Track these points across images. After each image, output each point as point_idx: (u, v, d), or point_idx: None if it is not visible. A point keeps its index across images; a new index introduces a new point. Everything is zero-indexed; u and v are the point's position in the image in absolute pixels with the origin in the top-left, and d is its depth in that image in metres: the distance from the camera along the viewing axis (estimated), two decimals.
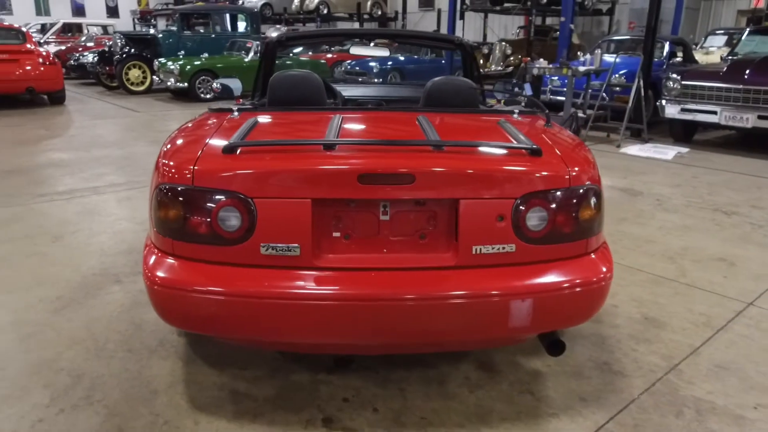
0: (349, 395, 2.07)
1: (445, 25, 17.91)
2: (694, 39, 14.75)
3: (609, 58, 7.98)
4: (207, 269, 1.69)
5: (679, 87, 6.80)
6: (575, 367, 2.26)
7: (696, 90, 6.70)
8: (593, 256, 1.84)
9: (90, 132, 7.50)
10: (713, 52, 11.64)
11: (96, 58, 12.39)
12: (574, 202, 1.77)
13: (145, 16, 26.44)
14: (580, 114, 7.40)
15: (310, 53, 15.43)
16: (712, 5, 16.31)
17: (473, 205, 1.69)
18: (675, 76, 6.86)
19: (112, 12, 31.60)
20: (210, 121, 2.25)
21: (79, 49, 15.36)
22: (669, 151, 6.64)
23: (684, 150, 6.77)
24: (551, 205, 1.73)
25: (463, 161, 1.72)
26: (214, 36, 12.78)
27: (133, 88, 11.70)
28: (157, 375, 2.17)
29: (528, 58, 8.74)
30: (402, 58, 14.22)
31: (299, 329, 1.66)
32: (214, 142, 1.85)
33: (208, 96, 10.51)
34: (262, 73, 3.23)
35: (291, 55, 14.29)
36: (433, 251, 1.74)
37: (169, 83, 10.58)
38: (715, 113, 6.55)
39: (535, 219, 1.72)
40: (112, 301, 2.78)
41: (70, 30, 19.61)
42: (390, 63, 13.70)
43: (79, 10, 30.64)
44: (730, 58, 7.65)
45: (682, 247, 3.61)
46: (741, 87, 6.32)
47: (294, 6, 21.58)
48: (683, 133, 7.24)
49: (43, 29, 19.36)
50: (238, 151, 1.75)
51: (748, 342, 2.47)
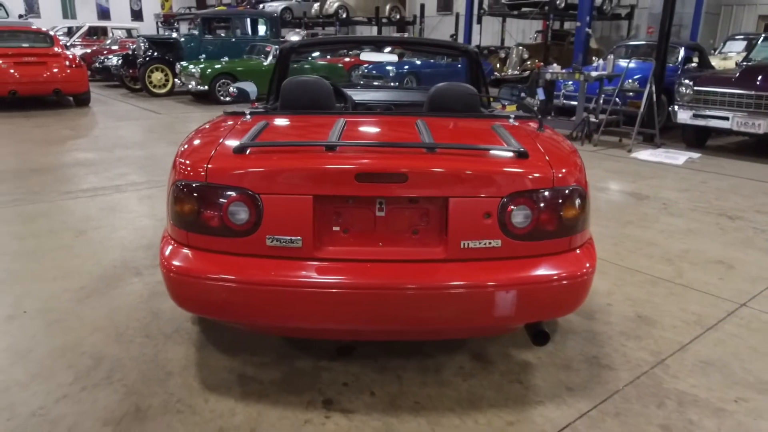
0: (348, 380, 2.21)
1: (463, 29, 18.06)
2: (713, 44, 14.66)
3: (625, 64, 8.03)
4: (218, 259, 1.85)
5: (691, 92, 6.84)
6: (565, 360, 2.37)
7: (708, 96, 6.73)
8: (577, 252, 1.96)
9: (113, 133, 7.77)
10: (732, 57, 11.59)
11: (120, 61, 12.77)
12: (558, 201, 1.89)
13: (168, 20, 26.99)
14: (592, 119, 7.47)
15: (328, 57, 15.68)
16: (732, 10, 16.18)
17: (462, 203, 1.82)
18: (687, 81, 6.89)
19: (137, 15, 32.29)
20: (224, 123, 2.41)
21: (104, 52, 15.81)
22: (680, 157, 6.68)
23: (695, 155, 6.80)
24: (535, 204, 1.86)
25: (453, 162, 1.85)
26: (234, 40, 13.07)
27: (155, 91, 12.02)
28: (172, 359, 2.34)
29: (541, 63, 8.81)
30: (418, 62, 14.36)
31: (300, 315, 1.81)
32: (227, 143, 2.01)
33: (227, 99, 10.77)
34: (276, 77, 3.39)
35: (309, 59, 14.55)
36: (424, 245, 1.87)
37: (190, 86, 10.86)
38: (727, 119, 6.57)
39: (520, 217, 1.85)
40: (132, 291, 2.97)
41: (95, 33, 20.11)
42: (407, 67, 13.86)
43: (104, 14, 31.37)
44: (745, 63, 7.66)
45: (683, 249, 3.68)
46: (753, 93, 6.34)
47: (313, 10, 21.87)
48: (696, 138, 7.26)
49: (70, 32, 19.91)
50: (248, 152, 1.91)
51: (737, 340, 2.56)
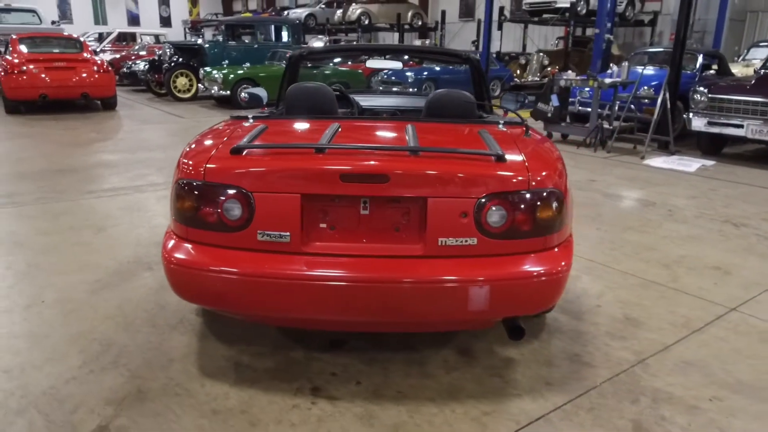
0: (337, 370, 2.33)
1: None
2: (738, 51, 14.45)
3: (650, 71, 8.01)
4: (213, 252, 2.00)
5: (705, 100, 6.82)
6: (547, 357, 2.46)
7: (723, 103, 6.70)
8: (552, 251, 2.06)
9: (137, 136, 8.05)
10: (755, 64, 11.43)
11: (147, 67, 13.16)
12: (534, 203, 1.99)
13: (195, 26, 27.63)
14: (606, 125, 7.49)
15: (350, 63, 15.91)
16: (758, 17, 15.93)
17: (440, 203, 1.94)
18: (702, 89, 6.88)
19: (165, 21, 33.08)
20: (228, 127, 2.57)
21: (132, 57, 16.30)
22: (693, 164, 6.66)
23: (709, 163, 6.77)
24: (511, 205, 1.97)
25: (432, 165, 1.97)
26: (257, 46, 13.36)
27: (180, 95, 12.37)
28: (175, 347, 2.49)
29: (556, 70, 8.84)
30: (438, 68, 14.47)
31: (286, 305, 1.95)
32: (226, 145, 2.16)
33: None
34: (285, 83, 3.55)
35: (331, 65, 14.80)
36: (405, 242, 1.99)
37: (212, 91, 11.16)
38: (741, 127, 6.54)
39: (495, 217, 1.96)
40: (143, 285, 3.14)
41: (124, 39, 20.73)
42: (426, 73, 13.98)
43: (134, 20, 32.22)
44: (763, 71, 7.60)
45: (681, 255, 3.73)
46: None
47: (336, 17, 22.17)
48: (711, 146, 7.23)
49: (101, 38, 20.54)
50: (244, 153, 2.05)
51: (721, 343, 2.61)
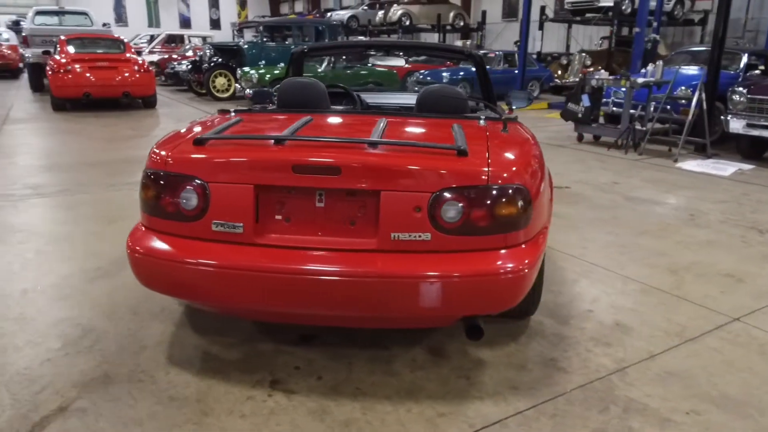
0: (301, 364, 2.32)
1: (529, 35, 17.78)
2: None
3: (690, 71, 7.67)
4: (172, 241, 2.02)
5: (744, 101, 6.46)
6: (521, 360, 2.37)
7: (763, 104, 6.33)
8: (515, 249, 1.98)
9: None
10: None
11: (189, 67, 13.56)
12: (492, 199, 1.92)
13: (242, 28, 28.29)
14: (638, 127, 7.20)
15: (388, 63, 16.01)
16: None
17: (393, 197, 1.89)
18: (740, 89, 6.52)
19: (215, 24, 34.05)
20: (210, 119, 2.60)
21: (178, 58, 16.83)
22: (729, 168, 6.32)
23: (747, 167, 6.41)
24: (466, 201, 1.90)
25: (386, 158, 1.93)
26: (294, 47, 13.53)
27: (218, 95, 12.69)
28: (151, 335, 2.54)
29: (588, 69, 8.58)
30: (474, 68, 14.28)
31: (237, 296, 1.94)
32: (194, 137, 2.18)
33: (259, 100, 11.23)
34: (287, 78, 3.58)
35: (369, 65, 14.87)
36: (359, 236, 1.96)
37: (247, 91, 11.38)
38: None
39: (450, 212, 1.90)
40: None
41: (173, 41, 21.43)
42: (462, 74, 13.83)
43: (185, 22, 33.30)
44: None
45: (693, 261, 3.53)
46: None
47: (378, 18, 22.25)
48: (751, 149, 6.84)
49: (152, 40, 21.33)
50: (207, 144, 2.07)
51: (714, 354, 2.45)
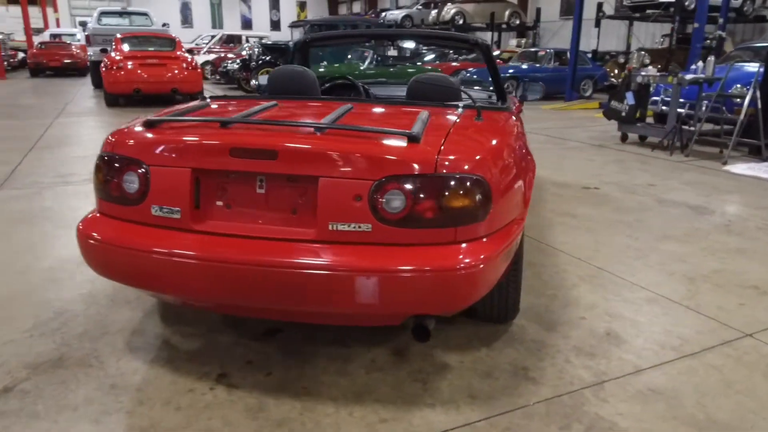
0: (256, 359, 2.23)
1: (586, 33, 17.17)
2: None
3: (748, 67, 7.10)
4: (114, 224, 1.97)
5: None
6: (489, 367, 2.19)
7: None
8: (468, 245, 1.81)
9: None
10: None
11: (238, 65, 13.89)
12: (440, 189, 1.76)
13: (294, 27, 28.77)
14: (687, 127, 6.71)
15: (437, 62, 15.92)
16: None
17: (331, 184, 1.77)
18: None
19: (275, 25, 34.80)
20: (182, 105, 2.56)
21: (232, 57, 17.28)
22: None
23: None
24: (411, 190, 1.75)
25: (324, 142, 1.81)
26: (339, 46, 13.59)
27: None
28: (117, 321, 2.52)
29: (633, 66, 8.10)
30: (525, 66, 13.89)
31: (171, 284, 1.87)
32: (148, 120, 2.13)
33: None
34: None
35: (418, 64, 14.78)
36: (299, 225, 1.84)
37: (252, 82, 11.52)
38: None
39: (393, 201, 1.75)
40: None
41: (231, 41, 22.05)
42: (511, 71, 13.45)
43: (247, 23, 34.25)
44: None
45: (715, 270, 3.20)
46: None
47: (431, 17, 22.06)
48: None
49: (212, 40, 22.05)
50: (157, 126, 2.02)
51: (711, 372, 2.18)
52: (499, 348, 2.33)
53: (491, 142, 2.04)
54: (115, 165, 1.97)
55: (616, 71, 14.59)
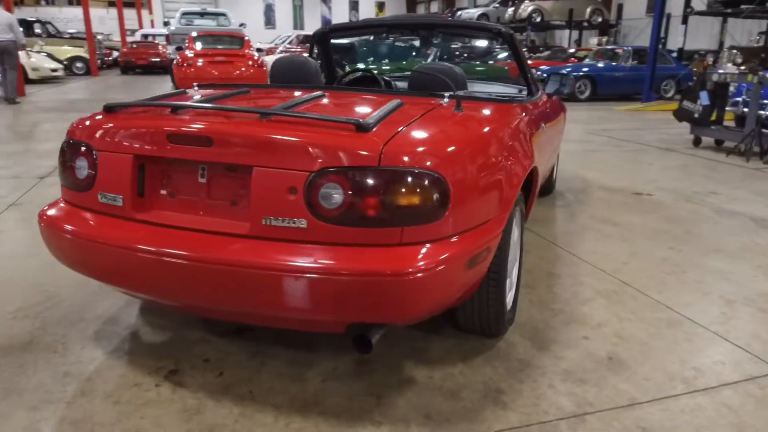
0: (214, 357, 2.13)
1: (674, 30, 16.03)
2: None
3: None
4: (69, 211, 1.94)
5: None
6: (459, 386, 1.96)
7: None
8: (415, 248, 1.61)
9: None
10: None
11: None
12: (384, 184, 1.57)
13: None
14: (766, 130, 6.01)
15: (508, 61, 15.43)
16: None
17: (265, 174, 1.63)
18: None
19: None
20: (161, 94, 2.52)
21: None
22: None
23: None
24: (350, 184, 1.57)
25: (258, 128, 1.67)
26: (403, 45, 13.45)
27: None
28: (97, 308, 2.51)
29: (708, 62, 7.36)
30: (600, 65, 13.13)
31: (109, 274, 1.81)
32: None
33: None
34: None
35: (490, 63, 14.39)
36: (237, 218, 1.72)
37: None
38: None
39: (329, 196, 1.58)
40: None
41: (307, 41, 22.51)
42: (585, 69, 12.76)
43: (327, 24, 34.94)
44: None
45: (764, 292, 2.77)
46: None
47: (507, 15, 21.43)
48: None
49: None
50: (115, 112, 1.96)
51: (725, 413, 1.84)
52: (477, 365, 2.10)
53: (460, 136, 1.82)
54: (71, 150, 1.94)
55: (702, 70, 13.48)
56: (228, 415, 1.80)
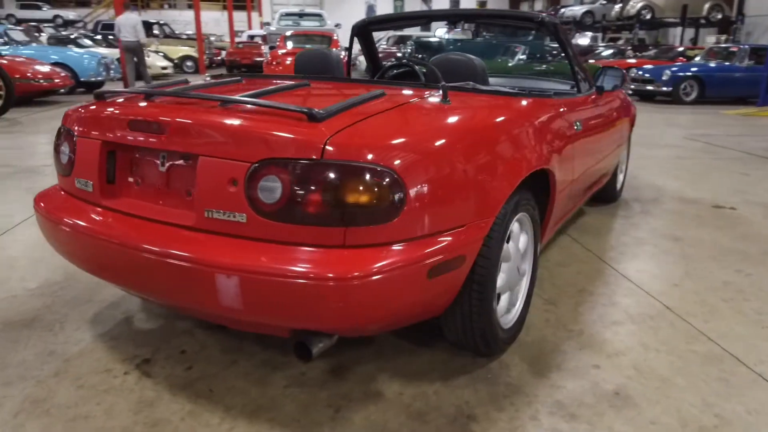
0: (191, 349, 2.10)
1: None
2: None
3: None
4: (55, 195, 1.98)
5: None
6: (428, 408, 1.77)
7: None
8: (354, 251, 1.45)
9: None
10: None
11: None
12: (328, 179, 1.43)
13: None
14: None
15: (612, 59, 14.75)
16: None
17: (208, 164, 1.54)
18: None
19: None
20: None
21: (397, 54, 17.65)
22: None
23: None
24: (290, 177, 1.45)
25: (203, 115, 1.58)
26: (495, 42, 13.07)
27: None
28: (102, 292, 2.57)
29: None
30: (712, 65, 11.95)
31: (75, 258, 1.82)
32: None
33: None
34: (351, 52, 3.65)
35: (591, 61, 13.69)
36: (188, 209, 1.65)
37: None
38: None
39: (269, 189, 1.47)
40: None
41: (402, 41, 22.59)
42: (694, 69, 11.67)
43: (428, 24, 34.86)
44: None
45: None
46: None
47: (614, 12, 20.18)
48: None
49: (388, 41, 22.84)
50: (103, 98, 1.98)
51: None
52: (456, 386, 1.89)
53: (429, 130, 1.63)
54: (60, 136, 1.98)
55: None
56: (178, 411, 1.75)
